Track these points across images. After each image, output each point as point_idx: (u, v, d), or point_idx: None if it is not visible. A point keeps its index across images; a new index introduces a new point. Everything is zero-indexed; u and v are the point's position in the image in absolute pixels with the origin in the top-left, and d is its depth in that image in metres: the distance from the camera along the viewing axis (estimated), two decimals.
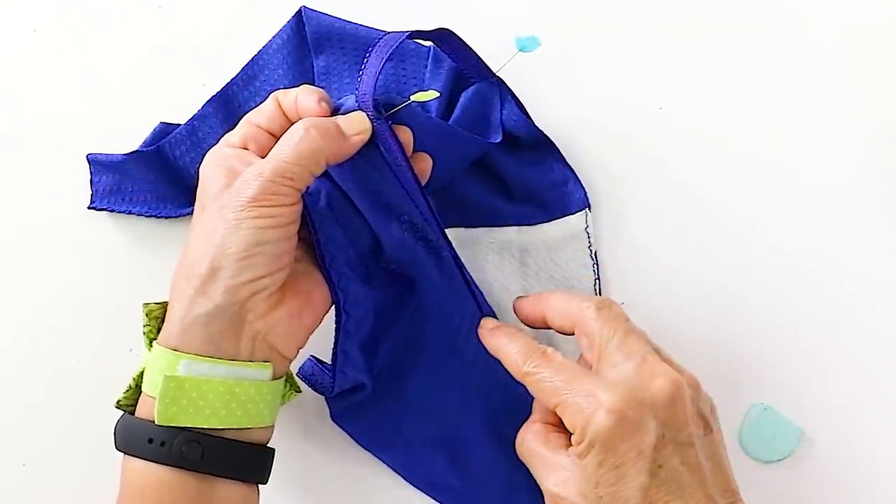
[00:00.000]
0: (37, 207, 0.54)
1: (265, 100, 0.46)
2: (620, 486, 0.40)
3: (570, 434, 0.42)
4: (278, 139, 0.43)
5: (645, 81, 0.56)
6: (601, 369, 0.42)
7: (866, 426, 0.52)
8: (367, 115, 0.43)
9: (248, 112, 0.46)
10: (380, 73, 0.43)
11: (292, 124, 0.43)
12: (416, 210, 0.45)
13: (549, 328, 0.46)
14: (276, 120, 0.45)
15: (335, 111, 0.44)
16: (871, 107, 0.55)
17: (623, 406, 0.40)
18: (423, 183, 0.47)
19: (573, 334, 0.45)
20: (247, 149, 0.44)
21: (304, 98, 0.44)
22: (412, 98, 0.44)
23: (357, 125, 0.43)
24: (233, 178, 0.42)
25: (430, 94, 0.45)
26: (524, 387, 0.44)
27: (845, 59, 0.56)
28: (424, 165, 0.47)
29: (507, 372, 0.45)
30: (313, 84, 0.53)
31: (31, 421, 0.52)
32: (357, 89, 0.44)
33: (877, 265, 0.53)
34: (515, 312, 0.48)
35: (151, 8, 0.56)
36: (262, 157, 0.43)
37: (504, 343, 0.45)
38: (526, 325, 0.48)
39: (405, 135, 0.45)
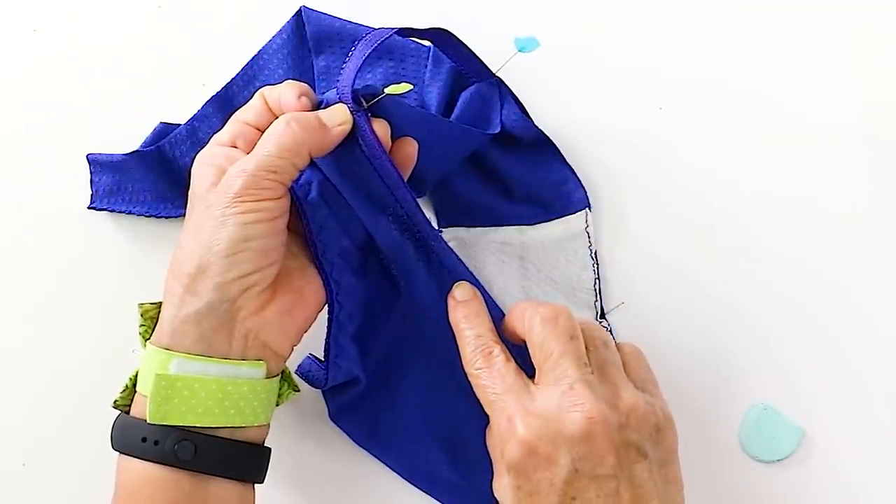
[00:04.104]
0: (37, 207, 0.54)
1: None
2: None
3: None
4: None
5: (644, 81, 0.56)
6: (538, 383, 0.42)
7: (866, 426, 0.51)
8: (348, 106, 0.43)
9: None
10: (361, 66, 0.44)
11: None
12: (399, 202, 0.45)
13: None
14: (263, 116, 0.45)
15: (318, 105, 0.44)
16: (872, 108, 0.55)
17: (535, 440, 0.40)
18: (411, 167, 0.47)
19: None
20: (236, 146, 0.44)
21: (286, 93, 0.44)
22: (386, 91, 0.44)
23: (338, 117, 0.43)
24: (221, 176, 0.42)
25: (404, 87, 0.45)
26: None
27: (845, 61, 0.56)
28: (410, 149, 0.47)
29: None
30: (314, 84, 0.53)
31: (31, 421, 0.52)
32: (338, 81, 0.44)
33: (877, 266, 0.53)
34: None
35: (151, 8, 0.57)
36: None
37: (463, 327, 0.45)
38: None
39: (381, 127, 0.45)
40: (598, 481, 0.40)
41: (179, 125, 0.53)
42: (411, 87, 0.45)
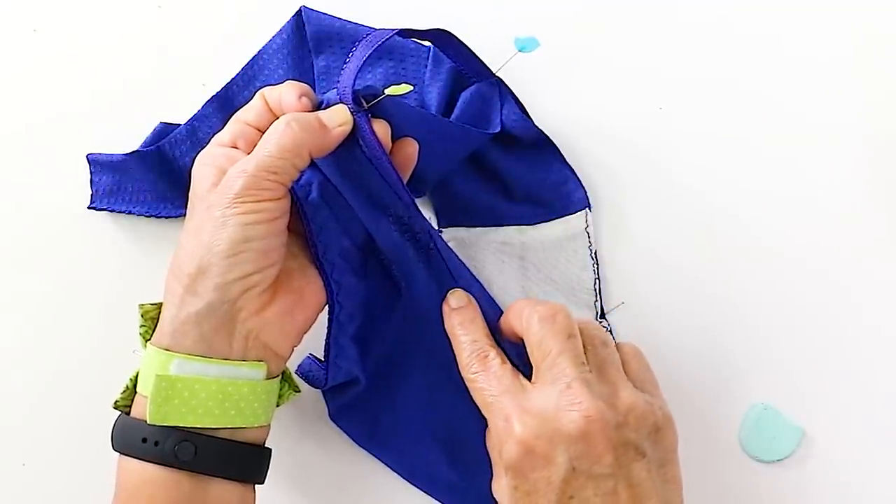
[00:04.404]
0: (37, 207, 0.54)
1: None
2: None
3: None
4: None
5: (644, 81, 0.56)
6: (535, 382, 0.42)
7: (866, 426, 0.52)
8: (348, 107, 0.43)
9: None
10: (362, 66, 0.44)
11: None
12: (400, 203, 0.45)
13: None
14: (263, 116, 0.45)
15: (318, 106, 0.44)
16: (872, 108, 0.55)
17: (532, 439, 0.40)
18: (411, 168, 0.47)
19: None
20: (236, 147, 0.44)
21: (287, 94, 0.44)
22: (386, 92, 0.44)
23: (338, 117, 0.43)
24: (222, 176, 0.42)
25: (404, 88, 0.45)
26: None
27: (845, 61, 0.56)
28: (411, 150, 0.47)
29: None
30: (314, 84, 0.53)
31: (31, 421, 0.52)
32: (338, 82, 0.44)
33: (877, 266, 0.53)
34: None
35: (151, 8, 0.56)
36: None
37: (458, 333, 0.45)
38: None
39: (382, 128, 0.45)
40: (596, 480, 0.40)
41: (179, 125, 0.53)
42: (411, 87, 0.45)
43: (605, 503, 0.40)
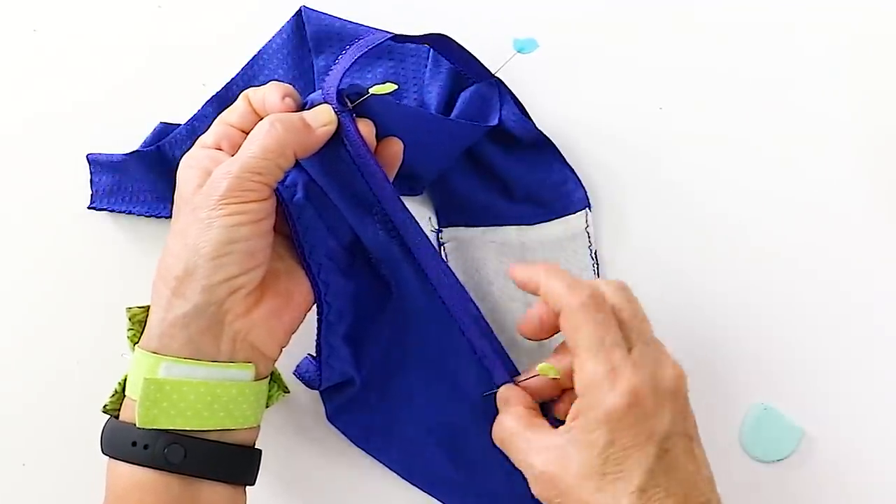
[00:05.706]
0: (37, 207, 0.54)
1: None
2: (627, 465, 0.40)
3: (553, 418, 0.44)
4: None
5: (644, 82, 0.55)
6: (630, 350, 0.43)
7: (866, 426, 0.51)
8: (332, 107, 0.43)
9: None
10: (360, 67, 0.43)
11: None
12: (385, 203, 0.45)
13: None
14: (247, 118, 0.45)
15: (303, 106, 0.45)
16: (870, 108, 0.55)
17: (642, 389, 0.41)
18: (396, 167, 0.47)
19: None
20: (220, 148, 0.44)
21: (270, 94, 0.44)
22: (371, 91, 0.44)
23: (322, 117, 0.43)
24: (206, 178, 0.42)
25: (388, 87, 0.45)
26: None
27: (843, 62, 0.56)
28: (396, 149, 0.47)
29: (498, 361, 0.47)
30: (314, 84, 0.53)
31: (30, 421, 0.52)
32: (324, 82, 0.44)
33: (876, 266, 0.53)
34: (512, 275, 0.47)
35: (151, 8, 0.57)
36: None
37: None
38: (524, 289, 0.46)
39: (366, 127, 0.45)
40: (683, 439, 0.42)
41: (179, 125, 0.53)
42: (396, 86, 0.45)
43: (687, 461, 0.41)
